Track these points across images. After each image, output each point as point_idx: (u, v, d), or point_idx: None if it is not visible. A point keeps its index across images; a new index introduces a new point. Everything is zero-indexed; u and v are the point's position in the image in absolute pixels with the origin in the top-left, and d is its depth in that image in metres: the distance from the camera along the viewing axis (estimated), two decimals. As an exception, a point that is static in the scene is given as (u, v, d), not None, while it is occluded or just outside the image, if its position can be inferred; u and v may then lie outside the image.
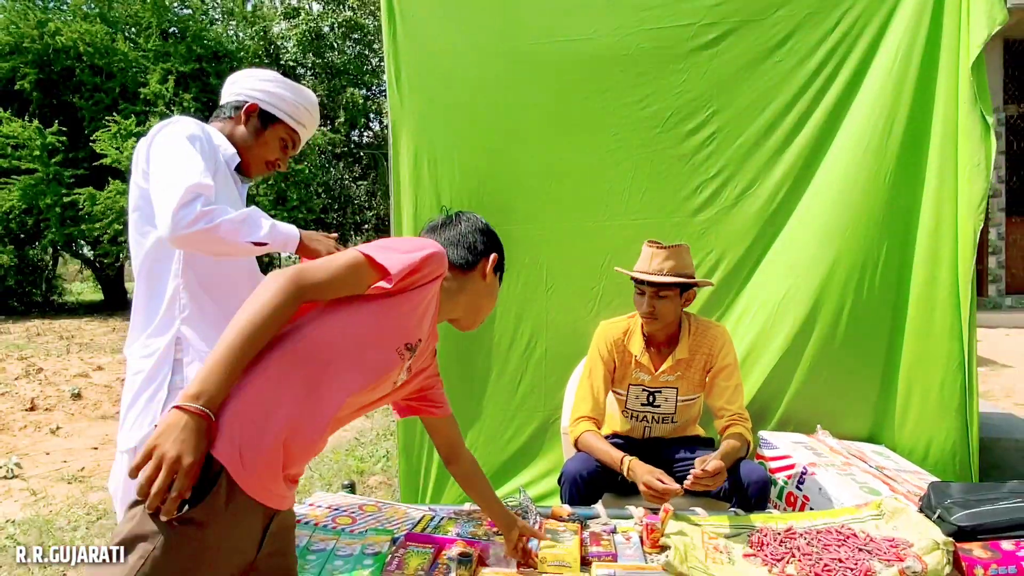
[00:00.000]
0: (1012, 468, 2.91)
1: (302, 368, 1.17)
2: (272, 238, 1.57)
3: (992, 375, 5.88)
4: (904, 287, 2.64)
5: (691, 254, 2.70)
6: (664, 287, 2.20)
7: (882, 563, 1.67)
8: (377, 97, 17.61)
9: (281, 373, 1.15)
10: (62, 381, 6.59)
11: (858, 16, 2.63)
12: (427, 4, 2.82)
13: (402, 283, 1.26)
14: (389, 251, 1.27)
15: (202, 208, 1.48)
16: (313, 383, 1.18)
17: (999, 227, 9.04)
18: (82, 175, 12.54)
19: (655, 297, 2.23)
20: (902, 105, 2.59)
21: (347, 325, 1.24)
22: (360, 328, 1.25)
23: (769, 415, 2.71)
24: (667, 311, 2.24)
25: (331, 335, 1.21)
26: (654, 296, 2.23)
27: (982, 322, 8.41)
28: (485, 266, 1.55)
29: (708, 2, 2.69)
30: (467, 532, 1.87)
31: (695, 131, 2.72)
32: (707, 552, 1.78)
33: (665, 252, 2.22)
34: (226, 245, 1.53)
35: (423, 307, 1.35)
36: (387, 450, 4.32)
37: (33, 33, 12.59)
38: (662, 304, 2.23)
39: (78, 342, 9.44)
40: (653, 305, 2.23)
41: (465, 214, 1.60)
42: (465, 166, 2.82)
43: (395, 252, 1.27)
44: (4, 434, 4.96)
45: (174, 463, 1.00)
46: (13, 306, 13.79)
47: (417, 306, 1.33)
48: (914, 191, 2.62)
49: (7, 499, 3.75)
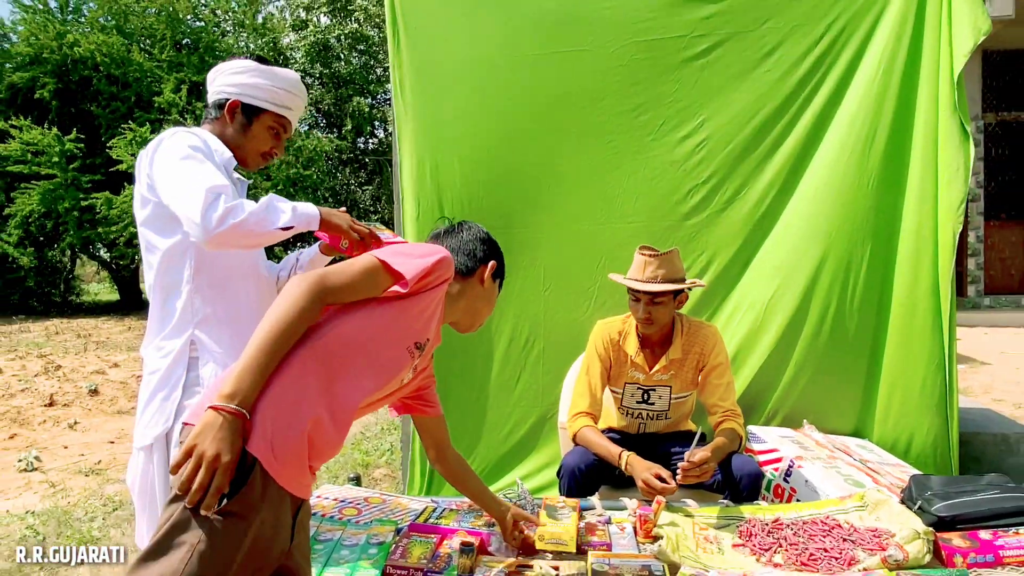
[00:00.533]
0: (990, 461, 2.91)
1: (324, 365, 1.19)
2: (296, 220, 1.55)
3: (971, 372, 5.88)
4: (887, 288, 2.64)
5: (683, 256, 2.71)
6: (659, 294, 2.21)
7: (865, 552, 1.68)
8: (382, 105, 17.61)
9: (304, 370, 1.17)
10: (80, 378, 6.59)
11: (843, 28, 2.63)
12: (430, 17, 2.82)
13: (416, 286, 1.30)
14: (402, 256, 1.31)
15: (226, 205, 1.47)
16: (333, 379, 1.21)
17: (978, 230, 9.05)
18: (99, 180, 12.56)
19: (651, 304, 2.23)
20: (885, 113, 2.59)
21: (365, 326, 1.27)
22: (377, 328, 1.29)
23: (758, 410, 2.71)
24: (662, 316, 2.25)
25: (350, 335, 1.24)
26: (649, 303, 2.23)
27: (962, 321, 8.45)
28: (484, 272, 1.58)
29: (699, 15, 2.69)
30: (468, 523, 1.87)
31: (687, 138, 2.72)
32: (698, 542, 1.78)
33: (657, 260, 2.22)
34: (257, 236, 1.52)
35: (432, 308, 1.39)
36: (391, 444, 4.32)
37: (52, 44, 12.59)
38: (657, 310, 2.23)
39: (95, 340, 9.44)
40: (649, 312, 2.23)
41: (467, 223, 1.64)
42: (466, 171, 2.82)
43: (408, 257, 1.31)
44: (24, 428, 4.96)
45: (213, 460, 1.03)
46: (33, 306, 13.77)
47: (427, 307, 1.37)
48: (896, 196, 2.62)
49: (27, 491, 3.75)
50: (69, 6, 13.74)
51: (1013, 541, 1.64)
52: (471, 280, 1.57)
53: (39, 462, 4.19)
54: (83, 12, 13.95)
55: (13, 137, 12.10)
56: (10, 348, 8.57)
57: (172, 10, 13.76)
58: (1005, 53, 9.00)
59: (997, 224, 9.23)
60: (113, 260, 14.47)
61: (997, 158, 9.24)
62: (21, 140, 12.02)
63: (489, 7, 2.79)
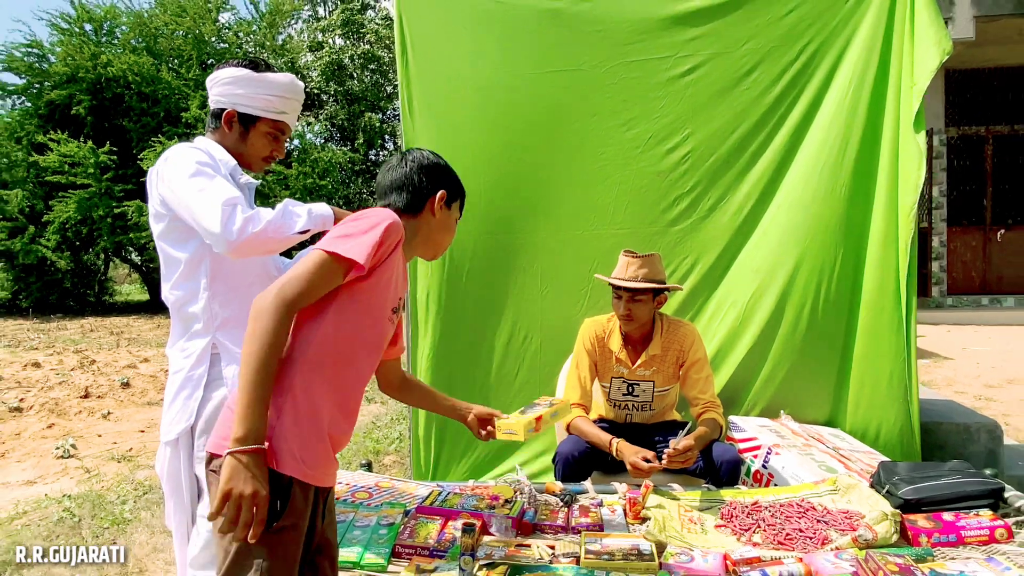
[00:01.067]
0: (953, 448, 2.91)
1: (321, 372, 1.17)
2: (312, 223, 1.51)
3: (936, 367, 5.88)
4: (857, 289, 2.64)
5: (669, 260, 2.71)
6: (639, 292, 2.22)
7: (837, 532, 1.68)
8: (392, 120, 17.60)
9: (306, 385, 1.15)
10: (113, 372, 6.58)
11: (816, 50, 2.63)
12: (436, 39, 2.82)
13: (372, 263, 1.18)
14: (348, 239, 1.17)
15: (244, 216, 1.44)
16: (334, 379, 1.19)
17: (941, 235, 9.06)
18: (130, 189, 12.55)
19: (631, 301, 2.24)
20: (855, 128, 2.59)
21: (343, 321, 1.20)
22: (354, 318, 1.22)
23: (739, 401, 2.71)
24: (642, 313, 2.26)
25: (333, 335, 1.19)
26: (630, 300, 2.24)
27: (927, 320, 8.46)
28: (433, 205, 1.38)
29: (684, 37, 2.69)
30: (471, 505, 1.87)
31: (672, 150, 2.72)
32: (683, 523, 1.78)
33: (639, 261, 2.24)
34: (277, 242, 1.48)
35: (395, 272, 1.28)
36: (400, 433, 4.31)
37: (87, 64, 12.60)
38: (637, 307, 2.24)
39: (127, 337, 9.43)
40: (629, 308, 2.25)
41: (412, 153, 1.42)
42: (468, 182, 2.75)
43: (354, 238, 1.17)
44: (61, 419, 4.96)
45: (252, 498, 1.03)
46: (70, 305, 13.76)
47: (392, 274, 1.27)
48: (866, 204, 2.62)
49: (64, 476, 3.75)
50: (103, 29, 13.74)
51: (973, 522, 1.64)
52: (422, 216, 1.38)
53: (75, 449, 4.19)
54: (116, 34, 13.95)
55: (52, 150, 12.11)
56: (48, 344, 8.56)
57: (198, 32, 13.78)
58: (966, 72, 9.01)
59: (959, 230, 9.24)
60: (144, 263, 14.47)
61: (959, 168, 9.25)
62: (59, 152, 12.03)
63: (490, 31, 2.79)
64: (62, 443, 4.23)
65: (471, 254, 2.81)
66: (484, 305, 2.83)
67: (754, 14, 2.64)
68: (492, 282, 2.82)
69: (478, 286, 2.82)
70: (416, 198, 1.37)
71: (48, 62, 13.12)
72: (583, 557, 1.55)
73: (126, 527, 2.93)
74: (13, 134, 12.92)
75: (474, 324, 2.83)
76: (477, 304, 2.83)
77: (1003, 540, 1.59)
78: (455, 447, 2.83)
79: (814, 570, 1.48)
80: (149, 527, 2.92)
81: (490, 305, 2.84)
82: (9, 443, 4.40)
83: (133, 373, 6.53)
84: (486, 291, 2.83)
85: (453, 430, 2.82)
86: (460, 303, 2.82)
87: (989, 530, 1.61)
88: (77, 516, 3.03)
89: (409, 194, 1.37)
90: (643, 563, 1.51)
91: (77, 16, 13.25)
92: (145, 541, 2.76)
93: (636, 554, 1.55)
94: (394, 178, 1.38)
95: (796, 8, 2.63)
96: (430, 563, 1.59)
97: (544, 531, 1.77)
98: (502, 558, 1.58)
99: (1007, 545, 1.58)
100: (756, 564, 1.51)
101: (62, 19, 13.21)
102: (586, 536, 1.66)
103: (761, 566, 1.50)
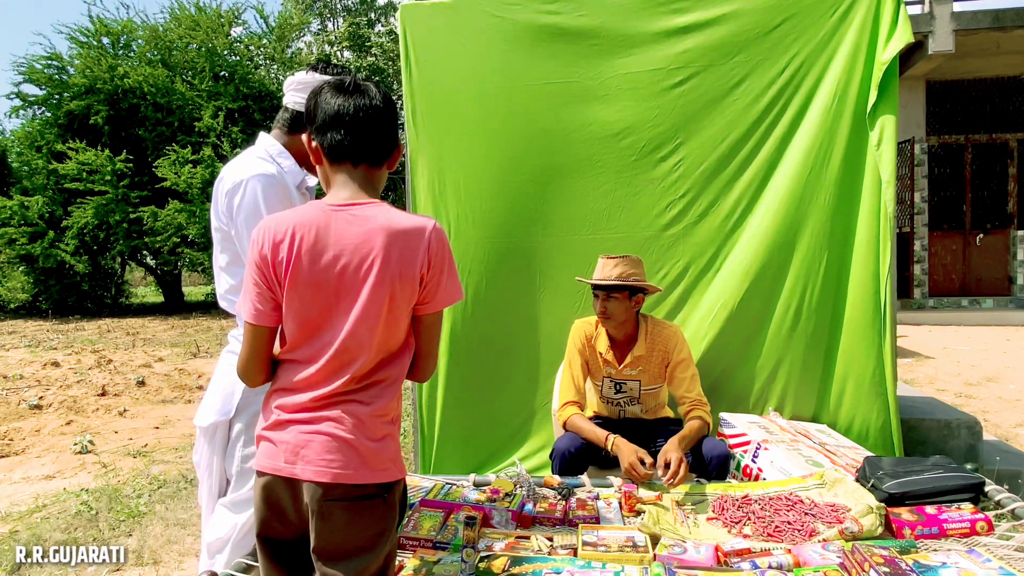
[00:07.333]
0: (934, 444, 2.91)
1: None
2: None
3: (918, 365, 5.88)
4: (842, 291, 2.64)
5: (662, 263, 2.71)
6: (613, 289, 2.22)
7: (824, 525, 1.67)
8: (396, 130, 17.60)
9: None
10: (129, 371, 6.57)
11: (802, 62, 2.64)
12: (438, 53, 2.83)
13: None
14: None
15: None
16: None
17: (923, 239, 9.07)
18: (146, 196, 12.60)
19: (606, 299, 2.24)
20: (839, 137, 2.60)
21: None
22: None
23: (729, 399, 2.70)
24: (618, 311, 2.24)
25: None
26: (605, 299, 2.24)
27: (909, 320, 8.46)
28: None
29: (676, 50, 2.69)
30: (472, 499, 1.86)
31: (665, 158, 2.72)
32: (676, 516, 1.78)
33: (614, 261, 2.24)
34: None
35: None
36: (404, 429, 4.31)
37: (105, 76, 12.62)
38: (612, 304, 2.24)
39: (142, 337, 9.42)
40: (605, 306, 2.25)
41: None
42: (470, 188, 2.82)
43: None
44: (79, 416, 4.95)
45: None
46: (88, 307, 13.74)
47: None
48: (850, 210, 2.62)
49: (82, 471, 3.75)
50: (120, 42, 13.74)
51: (955, 515, 1.64)
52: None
53: (92, 445, 4.19)
54: (132, 47, 13.96)
55: (70, 158, 12.14)
56: (67, 344, 8.55)
57: (211, 46, 13.78)
58: (946, 83, 9.03)
59: (939, 234, 9.25)
60: (158, 266, 14.44)
61: (940, 176, 9.26)
62: (77, 160, 12.06)
63: (491, 45, 2.79)
64: (80, 439, 4.22)
65: (470, 259, 2.81)
66: (482, 309, 2.83)
67: (743, 28, 2.65)
68: (490, 286, 2.82)
69: (476, 290, 2.82)
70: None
71: (67, 74, 13.12)
72: (580, 549, 1.55)
73: (141, 520, 2.92)
74: (34, 143, 12.92)
75: (472, 327, 2.83)
76: (475, 308, 2.83)
77: (983, 533, 1.59)
78: (457, 442, 2.83)
79: (802, 561, 1.47)
80: (164, 520, 2.91)
81: (488, 308, 2.83)
82: (29, 439, 4.40)
83: (148, 372, 6.52)
84: (484, 295, 2.83)
85: (456, 425, 2.82)
86: (459, 307, 2.82)
87: (970, 523, 1.61)
88: (94, 509, 3.02)
89: None
90: (638, 554, 1.51)
91: (95, 30, 13.27)
92: (160, 533, 2.75)
93: (631, 545, 1.55)
94: None
95: (783, 23, 2.63)
96: (433, 555, 1.58)
97: (543, 523, 1.76)
98: (502, 550, 1.57)
99: (987, 537, 1.58)
100: (746, 555, 1.51)
101: (81, 33, 13.23)
102: (583, 528, 1.66)
103: (751, 557, 1.50)
